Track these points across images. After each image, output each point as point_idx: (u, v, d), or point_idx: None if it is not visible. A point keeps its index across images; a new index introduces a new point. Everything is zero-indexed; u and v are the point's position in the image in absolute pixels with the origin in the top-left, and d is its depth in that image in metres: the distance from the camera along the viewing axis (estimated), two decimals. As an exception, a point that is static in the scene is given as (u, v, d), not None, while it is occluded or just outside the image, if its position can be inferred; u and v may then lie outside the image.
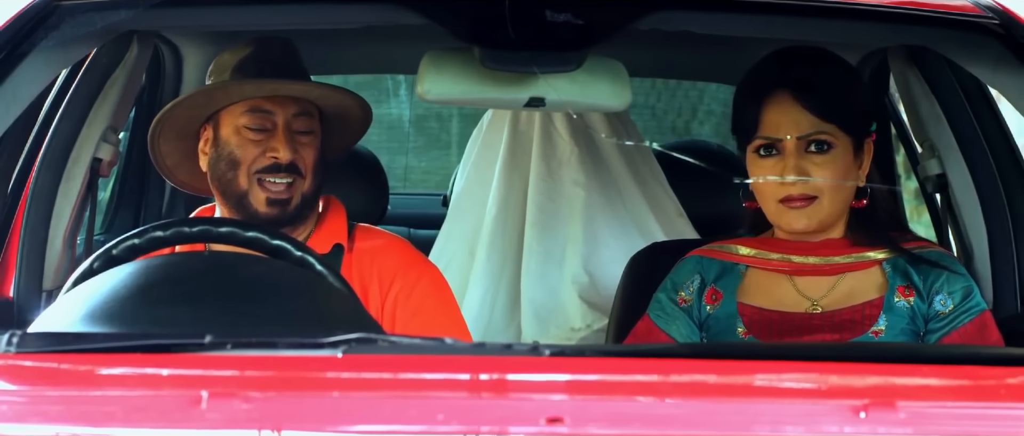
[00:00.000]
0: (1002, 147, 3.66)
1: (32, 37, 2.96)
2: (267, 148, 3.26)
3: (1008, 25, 3.10)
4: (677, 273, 3.33)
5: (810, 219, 3.17)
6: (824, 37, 3.45)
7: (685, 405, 2.18)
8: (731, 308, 3.25)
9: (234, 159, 3.27)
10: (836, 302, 3.22)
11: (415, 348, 2.36)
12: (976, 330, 3.19)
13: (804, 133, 3.15)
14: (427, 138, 7.13)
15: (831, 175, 3.15)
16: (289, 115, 3.28)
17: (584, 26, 3.05)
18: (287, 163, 3.25)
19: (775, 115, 3.17)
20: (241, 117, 3.27)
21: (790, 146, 3.16)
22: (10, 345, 2.29)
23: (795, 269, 3.24)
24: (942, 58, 3.61)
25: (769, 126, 3.17)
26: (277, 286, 2.63)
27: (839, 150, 3.17)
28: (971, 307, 3.21)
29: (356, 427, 2.11)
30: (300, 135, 3.29)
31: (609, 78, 3.32)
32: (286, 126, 3.27)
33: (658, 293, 3.32)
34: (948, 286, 3.21)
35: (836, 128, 3.16)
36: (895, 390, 2.29)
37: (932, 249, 3.29)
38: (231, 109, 3.29)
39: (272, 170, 3.25)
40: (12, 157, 3.57)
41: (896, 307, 3.20)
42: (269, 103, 3.27)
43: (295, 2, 3.27)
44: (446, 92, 3.35)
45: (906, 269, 3.23)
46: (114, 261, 2.70)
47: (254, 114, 3.27)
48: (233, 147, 3.27)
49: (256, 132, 3.27)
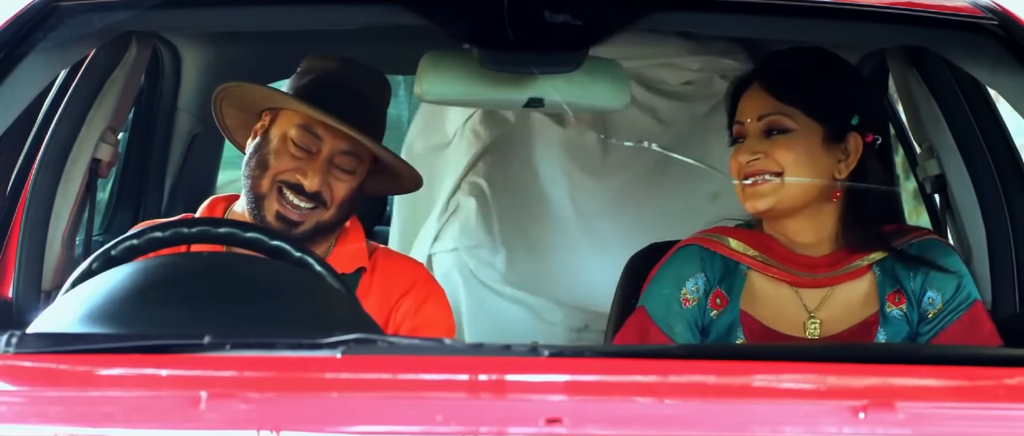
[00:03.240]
0: (1001, 148, 3.67)
1: (31, 38, 2.96)
2: (299, 169, 3.21)
3: (1007, 26, 3.10)
4: (678, 264, 3.30)
5: (767, 199, 3.17)
6: (824, 38, 3.45)
7: (684, 406, 2.18)
8: (734, 317, 3.24)
9: (266, 162, 3.23)
10: (833, 316, 3.22)
11: (414, 349, 2.36)
12: (968, 323, 3.20)
13: (762, 113, 3.19)
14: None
15: (788, 155, 3.16)
16: (336, 149, 3.23)
17: (583, 26, 3.05)
18: (311, 192, 3.21)
19: (743, 104, 3.25)
20: (293, 128, 3.23)
21: (752, 128, 3.20)
22: (9, 346, 2.28)
23: (794, 281, 3.24)
24: (941, 59, 3.61)
25: (738, 114, 3.25)
26: (276, 287, 2.63)
27: (800, 135, 3.18)
28: (961, 302, 3.21)
29: (355, 428, 2.11)
30: (339, 171, 3.24)
31: (608, 78, 3.33)
32: (329, 157, 3.23)
33: (657, 286, 3.29)
34: (937, 282, 3.22)
35: (798, 112, 3.18)
36: (894, 391, 2.29)
37: (923, 240, 3.28)
38: (289, 115, 3.25)
39: (294, 189, 3.22)
40: (11, 157, 3.58)
41: (891, 318, 3.21)
42: (322, 129, 3.23)
43: (295, 2, 3.26)
44: (445, 93, 3.35)
45: (895, 272, 3.23)
46: (113, 262, 2.70)
47: (304, 132, 3.23)
48: (272, 150, 3.24)
49: (299, 149, 3.23)
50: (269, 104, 3.29)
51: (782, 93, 3.19)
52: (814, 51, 3.31)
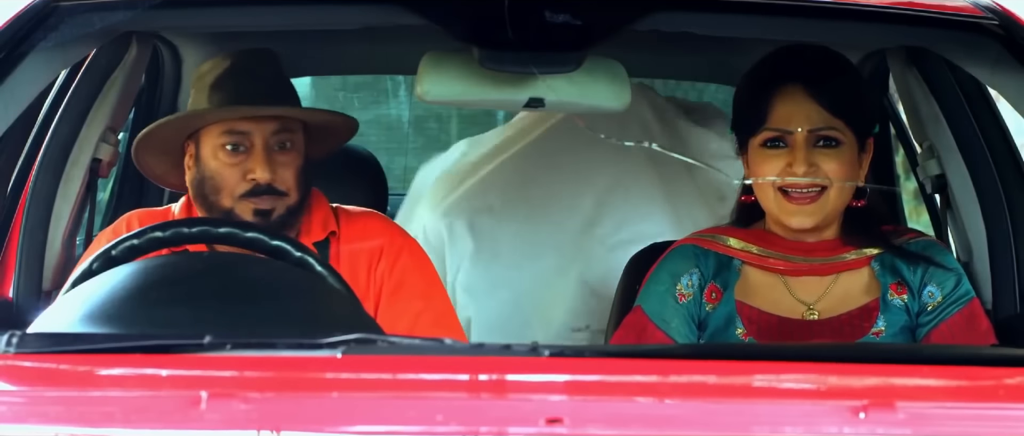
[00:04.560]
0: (1001, 147, 3.67)
1: (31, 38, 2.96)
2: (246, 170, 3.24)
3: (1007, 26, 3.10)
4: (672, 262, 3.31)
5: (813, 216, 3.17)
6: (824, 37, 3.45)
7: (684, 406, 2.18)
8: (730, 307, 3.25)
9: (216, 184, 3.25)
10: (832, 306, 3.23)
11: (414, 348, 2.36)
12: (965, 319, 3.20)
13: (815, 126, 3.16)
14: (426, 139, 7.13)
15: (838, 171, 3.15)
16: (267, 134, 3.25)
17: (583, 27, 3.05)
18: (266, 184, 3.23)
19: (786, 107, 3.17)
20: (219, 138, 3.25)
21: (800, 139, 3.15)
22: (9, 346, 2.29)
23: (790, 269, 3.24)
24: (941, 59, 3.61)
25: (779, 118, 3.17)
26: (276, 287, 2.63)
27: (846, 147, 3.17)
28: (960, 297, 3.22)
29: (355, 427, 2.11)
30: (279, 153, 3.26)
31: (608, 79, 3.32)
32: (264, 146, 3.25)
33: (652, 285, 3.30)
34: (937, 277, 3.22)
35: (844, 125, 3.17)
36: (894, 390, 2.29)
37: (920, 239, 3.29)
38: (210, 129, 3.27)
39: (253, 194, 3.24)
40: (11, 158, 3.58)
41: (892, 306, 3.21)
42: (246, 124, 3.25)
43: (295, 2, 3.26)
44: (445, 93, 3.35)
45: (895, 265, 3.24)
46: (113, 262, 2.70)
47: (231, 135, 3.25)
48: (213, 171, 3.25)
49: (233, 154, 3.25)
50: (186, 132, 3.30)
51: (833, 105, 3.15)
52: (838, 55, 3.29)
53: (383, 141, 6.64)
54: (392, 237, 3.40)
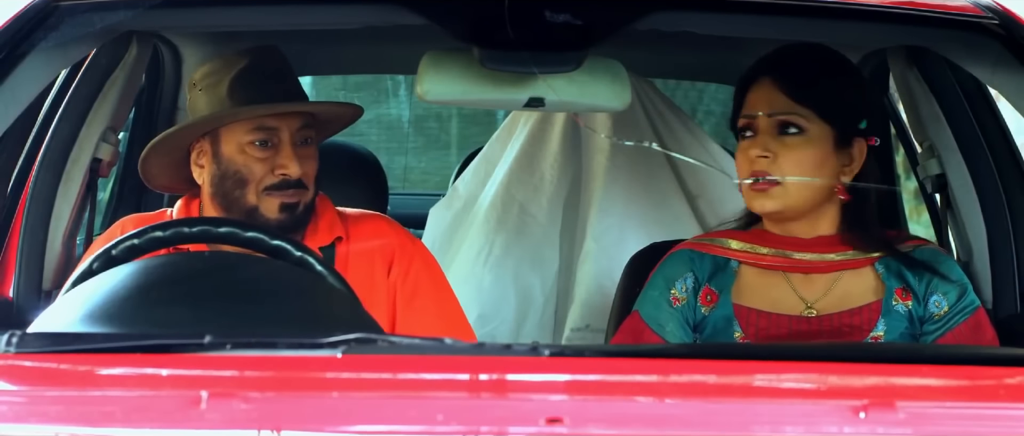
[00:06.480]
0: (1002, 147, 3.67)
1: (31, 37, 2.96)
2: (275, 165, 3.26)
3: (1008, 25, 3.10)
4: (668, 267, 3.32)
5: (775, 201, 3.18)
6: (824, 37, 3.45)
7: (684, 405, 2.18)
8: (727, 310, 3.25)
9: (242, 178, 3.26)
10: (833, 305, 3.23)
11: (414, 348, 2.36)
12: (971, 329, 3.20)
13: (775, 111, 3.18)
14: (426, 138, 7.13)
15: (799, 159, 3.16)
16: (293, 130, 3.28)
17: (583, 26, 3.05)
18: (296, 179, 3.26)
19: (754, 96, 3.22)
20: (247, 134, 3.26)
21: (762, 124, 3.19)
22: (9, 345, 2.29)
23: (790, 265, 3.24)
24: (942, 58, 3.61)
25: (748, 106, 3.23)
26: (277, 286, 2.63)
27: (812, 136, 3.18)
28: (966, 306, 3.22)
29: (355, 427, 2.11)
30: (302, 148, 3.29)
31: (609, 78, 3.32)
32: (291, 141, 3.28)
33: (649, 290, 3.31)
34: (942, 287, 3.22)
35: (812, 113, 3.17)
36: (894, 390, 2.29)
37: (926, 247, 3.29)
38: (234, 126, 3.27)
39: (282, 187, 3.26)
40: (12, 157, 3.58)
41: (894, 311, 3.21)
42: (274, 120, 3.27)
43: (295, 2, 3.26)
44: (445, 93, 3.35)
45: (900, 271, 3.24)
46: (113, 261, 2.70)
47: (260, 132, 3.26)
48: (239, 165, 3.27)
49: (262, 149, 3.26)
50: (200, 132, 3.30)
51: (796, 92, 3.18)
52: (824, 50, 3.31)
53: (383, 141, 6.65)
54: (401, 241, 3.41)
